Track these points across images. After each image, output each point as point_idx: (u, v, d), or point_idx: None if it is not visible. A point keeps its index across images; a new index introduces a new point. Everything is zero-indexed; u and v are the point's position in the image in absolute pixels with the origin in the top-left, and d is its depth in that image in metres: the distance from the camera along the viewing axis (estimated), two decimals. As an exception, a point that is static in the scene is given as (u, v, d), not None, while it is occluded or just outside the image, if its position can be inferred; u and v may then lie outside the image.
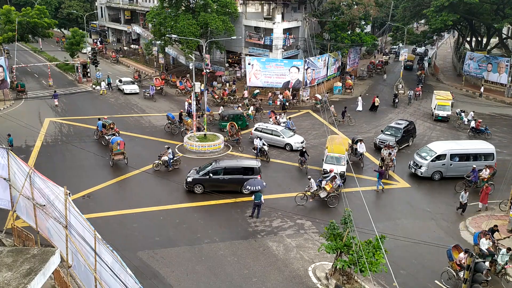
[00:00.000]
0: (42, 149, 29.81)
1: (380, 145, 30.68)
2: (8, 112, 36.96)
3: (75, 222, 12.79)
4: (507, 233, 21.08)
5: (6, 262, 10.22)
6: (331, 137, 28.80)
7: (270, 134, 31.59)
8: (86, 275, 13.41)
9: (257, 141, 29.18)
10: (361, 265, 15.38)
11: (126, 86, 45.55)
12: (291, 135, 31.69)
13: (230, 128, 31.88)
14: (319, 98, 41.61)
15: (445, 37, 78.55)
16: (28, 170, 14.41)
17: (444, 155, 26.69)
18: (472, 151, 27.17)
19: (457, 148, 27.49)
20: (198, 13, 44.62)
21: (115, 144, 27.08)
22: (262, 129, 31.98)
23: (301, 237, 20.59)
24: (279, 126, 32.68)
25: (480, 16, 50.05)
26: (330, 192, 23.11)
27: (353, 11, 46.71)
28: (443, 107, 38.39)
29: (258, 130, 32.05)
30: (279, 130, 31.69)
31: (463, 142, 30.92)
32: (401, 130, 31.52)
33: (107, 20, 75.99)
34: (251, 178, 23.44)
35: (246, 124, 35.23)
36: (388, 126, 32.86)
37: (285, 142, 31.15)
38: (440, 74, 58.31)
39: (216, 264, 18.32)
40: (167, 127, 34.04)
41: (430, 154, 27.04)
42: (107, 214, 21.86)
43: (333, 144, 27.34)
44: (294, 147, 30.72)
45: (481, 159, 26.91)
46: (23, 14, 53.24)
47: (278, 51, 45.82)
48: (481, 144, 28.61)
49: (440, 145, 28.06)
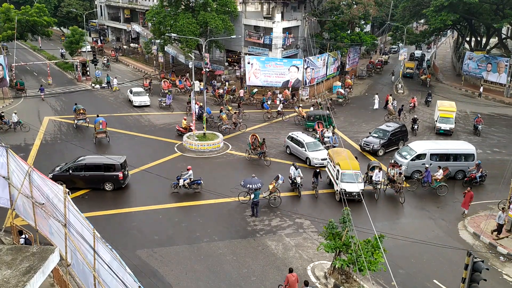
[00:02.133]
0: (41, 147, 29.80)
1: (364, 147, 30.42)
2: (7, 111, 36.91)
3: (74, 220, 12.79)
4: (506, 233, 21.11)
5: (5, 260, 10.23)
6: (335, 151, 26.16)
7: (296, 144, 29.28)
8: (85, 274, 13.41)
9: (292, 170, 24.70)
10: (360, 264, 15.40)
11: (136, 97, 40.40)
12: (316, 149, 28.64)
13: (253, 140, 28.75)
14: (342, 93, 43.39)
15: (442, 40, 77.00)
16: (28, 168, 14.41)
17: (424, 154, 26.74)
18: (452, 151, 27.16)
19: (437, 148, 27.51)
20: (198, 12, 44.59)
21: (98, 123, 30.37)
22: (292, 138, 29.74)
23: (300, 236, 20.61)
24: (308, 138, 29.56)
25: (480, 16, 50.07)
26: (272, 192, 22.87)
27: (352, 11, 46.71)
28: (446, 120, 34.61)
29: (289, 138, 30.08)
30: (305, 142, 28.80)
31: (444, 142, 30.89)
32: (389, 132, 30.84)
33: (106, 19, 75.89)
34: (113, 174, 23.39)
35: (333, 124, 33.10)
36: (377, 128, 32.37)
37: (305, 155, 28.52)
38: (440, 74, 58.35)
39: (215, 263, 18.33)
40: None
41: (410, 153, 27.11)
42: (106, 213, 21.87)
43: (342, 158, 24.26)
44: (312, 163, 27.89)
45: (461, 160, 26.99)
46: (23, 12, 53.18)
47: (278, 50, 45.81)
48: (462, 144, 28.60)
49: (420, 144, 28.06)
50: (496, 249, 20.05)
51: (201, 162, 28.60)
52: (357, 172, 23.46)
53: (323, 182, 25.67)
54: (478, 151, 31.76)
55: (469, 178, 25.44)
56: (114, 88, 45.81)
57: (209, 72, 47.34)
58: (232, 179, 25.70)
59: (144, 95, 41.00)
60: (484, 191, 25.89)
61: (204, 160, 28.95)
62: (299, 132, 30.82)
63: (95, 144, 30.44)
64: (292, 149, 29.39)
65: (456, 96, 47.63)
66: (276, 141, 32.62)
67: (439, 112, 35.25)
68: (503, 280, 18.06)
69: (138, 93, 41.22)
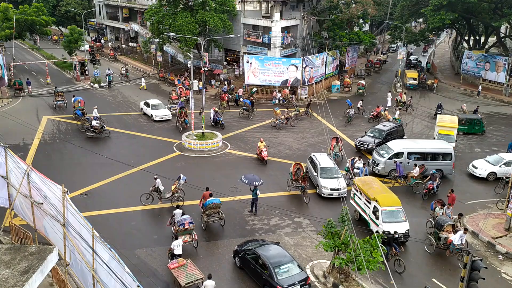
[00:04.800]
0: (40, 147, 29.76)
1: (360, 146, 30.28)
2: (5, 110, 36.85)
3: (73, 220, 12.78)
4: (504, 231, 21.16)
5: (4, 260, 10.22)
6: (364, 182, 21.89)
7: (313, 167, 25.66)
8: (83, 273, 13.41)
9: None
10: (359, 263, 15.43)
11: (156, 111, 36.15)
12: (329, 176, 24.48)
13: (295, 169, 24.38)
14: (363, 84, 44.67)
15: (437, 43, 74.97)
16: (26, 168, 14.40)
17: (402, 153, 26.73)
18: (430, 150, 27.09)
19: (415, 147, 27.45)
20: (197, 11, 44.55)
21: (76, 102, 35.11)
22: (312, 159, 26.45)
23: (299, 235, 20.63)
24: (327, 161, 25.61)
25: (478, 15, 50.08)
26: (174, 192, 22.44)
27: (351, 10, 46.72)
28: (446, 137, 29.86)
29: (309, 160, 26.86)
30: (319, 167, 24.82)
31: (422, 141, 30.86)
32: (384, 132, 30.69)
33: (105, 18, 75.74)
34: None
35: (483, 129, 31.17)
36: (372, 127, 32.19)
37: (316, 182, 24.87)
38: (438, 73, 58.37)
39: (214, 262, 18.34)
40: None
41: (388, 152, 27.08)
42: (105, 212, 21.85)
43: (377, 192, 20.50)
44: (320, 192, 24.12)
45: (439, 159, 26.93)
46: (21, 11, 53.01)
47: (277, 50, 45.79)
48: (440, 143, 28.48)
49: (398, 143, 28.03)
50: (495, 248, 20.10)
51: (200, 161, 28.59)
52: (399, 208, 20.06)
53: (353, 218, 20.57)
54: (476, 150, 31.94)
55: (427, 190, 24.49)
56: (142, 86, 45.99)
57: (208, 71, 47.32)
58: (231, 178, 25.69)
59: (163, 108, 37.04)
60: (484, 190, 25.93)
61: (203, 160, 28.94)
62: (322, 154, 26.81)
63: (74, 118, 34.74)
64: (310, 172, 25.64)
65: (454, 95, 47.69)
66: (275, 140, 32.62)
67: (438, 128, 30.86)
68: (501, 278, 18.10)
69: (156, 106, 36.97)
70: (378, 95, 47.15)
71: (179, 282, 15.72)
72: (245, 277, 17.40)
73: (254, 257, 16.97)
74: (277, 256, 16.65)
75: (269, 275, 15.94)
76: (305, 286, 15.97)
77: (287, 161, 28.71)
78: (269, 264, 16.12)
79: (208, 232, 20.50)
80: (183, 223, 18.47)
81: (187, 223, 18.52)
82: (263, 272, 16.26)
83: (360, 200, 21.59)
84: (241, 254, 17.67)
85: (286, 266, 16.27)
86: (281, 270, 16.04)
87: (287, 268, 16.20)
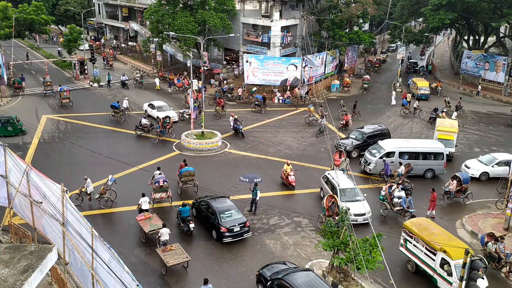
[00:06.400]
0: (39, 146, 29.74)
1: (338, 147, 29.75)
2: (5, 109, 36.82)
3: (72, 219, 12.78)
4: (503, 231, 21.18)
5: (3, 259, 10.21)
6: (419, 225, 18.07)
7: (330, 189, 22.80)
8: (83, 272, 13.41)
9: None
10: (358, 263, 15.43)
11: (161, 113, 34.71)
12: (350, 199, 21.68)
13: (329, 203, 20.64)
14: (368, 79, 45.81)
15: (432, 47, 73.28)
16: (25, 167, 14.39)
17: (393, 152, 26.73)
18: (422, 150, 27.07)
19: (407, 146, 27.47)
20: (196, 10, 44.52)
21: (63, 91, 38.30)
22: (327, 179, 23.52)
23: (298, 234, 20.63)
24: (347, 181, 22.82)
25: (478, 15, 50.09)
26: (102, 193, 21.96)
27: (351, 9, 46.70)
28: (446, 142, 28.82)
29: (324, 179, 23.95)
30: (339, 188, 21.89)
31: (414, 140, 30.87)
32: (366, 135, 30.13)
33: (104, 17, 75.67)
34: None
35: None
36: (356, 129, 31.75)
37: None
38: (438, 72, 58.39)
39: (213, 262, 18.35)
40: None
41: (380, 151, 27.07)
42: (104, 211, 21.84)
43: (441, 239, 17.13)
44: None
45: (431, 158, 26.96)
46: (20, 10, 52.91)
47: (276, 49, 45.77)
48: (432, 143, 28.50)
49: (390, 142, 28.05)
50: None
51: (199, 160, 28.58)
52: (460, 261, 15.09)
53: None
54: (476, 149, 31.95)
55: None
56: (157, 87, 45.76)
57: (208, 71, 47.30)
58: (231, 177, 25.70)
59: (169, 109, 36.03)
60: (483, 190, 25.94)
61: (202, 159, 28.93)
62: (339, 173, 23.41)
63: (61, 106, 38.18)
64: (325, 192, 23.25)
65: (454, 94, 47.64)
66: (274, 139, 32.61)
67: (437, 132, 30.01)
68: (500, 278, 18.13)
69: (161, 108, 35.99)
70: (378, 94, 47.27)
71: (144, 230, 18.97)
72: (245, 278, 17.39)
73: (206, 207, 20.59)
74: (224, 206, 20.36)
75: (216, 219, 19.66)
76: (245, 228, 19.64)
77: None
78: (216, 211, 19.84)
79: (206, 231, 20.48)
80: (158, 181, 22.04)
81: (162, 181, 22.04)
82: (212, 217, 19.94)
83: (416, 248, 17.83)
84: (196, 205, 21.46)
85: (229, 212, 19.99)
86: (225, 215, 19.77)
87: (230, 214, 19.88)
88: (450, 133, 29.53)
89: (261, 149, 30.60)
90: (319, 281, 15.41)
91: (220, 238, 19.43)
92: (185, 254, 17.37)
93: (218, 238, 19.57)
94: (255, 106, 39.25)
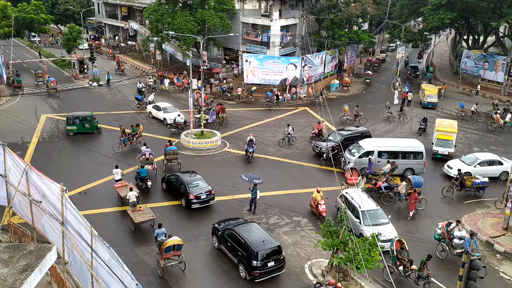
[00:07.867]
0: (38, 145, 29.71)
1: (314, 149, 29.58)
2: (4, 108, 36.78)
3: (71, 218, 12.78)
4: (502, 230, 21.21)
5: (3, 258, 10.19)
6: None
7: (351, 210, 20.59)
8: (82, 272, 13.41)
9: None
10: (357, 262, 15.45)
11: (168, 115, 34.42)
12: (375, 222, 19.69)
13: (399, 250, 17.73)
14: (370, 74, 46.75)
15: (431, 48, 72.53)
16: (25, 166, 14.38)
17: (372, 151, 26.74)
18: (401, 149, 27.08)
19: (386, 145, 27.49)
20: (196, 9, 44.50)
21: (50, 82, 40.93)
22: (346, 199, 21.28)
23: (298, 234, 20.64)
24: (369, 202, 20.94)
25: (477, 15, 50.12)
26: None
27: (350, 9, 46.71)
28: (445, 142, 29.16)
29: (342, 198, 21.46)
30: (360, 210, 20.14)
31: (393, 139, 30.91)
32: (343, 136, 29.31)
33: (104, 16, 75.59)
34: None
35: None
36: (336, 131, 30.88)
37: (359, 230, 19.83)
38: (437, 72, 58.41)
39: (213, 261, 18.36)
40: None
41: (359, 150, 27.10)
42: (103, 211, 21.85)
43: None
44: None
45: (410, 157, 26.94)
46: (19, 9, 52.90)
47: (276, 48, 45.78)
48: (411, 142, 28.47)
49: (369, 142, 28.05)
50: (493, 247, 20.15)
51: (198, 160, 28.58)
52: None
53: None
54: (475, 149, 31.96)
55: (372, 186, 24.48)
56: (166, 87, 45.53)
57: (207, 70, 47.29)
58: (230, 177, 25.70)
59: (174, 111, 35.25)
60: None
61: (202, 158, 28.93)
62: (357, 191, 21.52)
63: (48, 97, 40.39)
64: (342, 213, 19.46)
65: (453, 94, 47.70)
66: (273, 138, 32.61)
67: (437, 133, 29.92)
68: (499, 278, 18.16)
69: (166, 109, 35.25)
70: (377, 94, 47.29)
71: (120, 194, 21.90)
72: (244, 276, 17.45)
73: (176, 179, 23.05)
74: (192, 178, 22.88)
75: (184, 189, 22.08)
76: (210, 195, 22.13)
77: (287, 160, 28.71)
78: (184, 181, 22.34)
79: (206, 231, 20.47)
80: (144, 154, 25.25)
81: (148, 154, 25.28)
82: (181, 187, 22.39)
83: None
84: (166, 179, 23.77)
85: (196, 182, 22.52)
86: (193, 185, 22.23)
87: (197, 184, 22.42)
88: (449, 133, 29.58)
89: (261, 148, 30.58)
90: (261, 230, 18.10)
91: (189, 205, 21.73)
92: (151, 213, 19.91)
93: (187, 205, 21.85)
94: (267, 103, 40.12)
